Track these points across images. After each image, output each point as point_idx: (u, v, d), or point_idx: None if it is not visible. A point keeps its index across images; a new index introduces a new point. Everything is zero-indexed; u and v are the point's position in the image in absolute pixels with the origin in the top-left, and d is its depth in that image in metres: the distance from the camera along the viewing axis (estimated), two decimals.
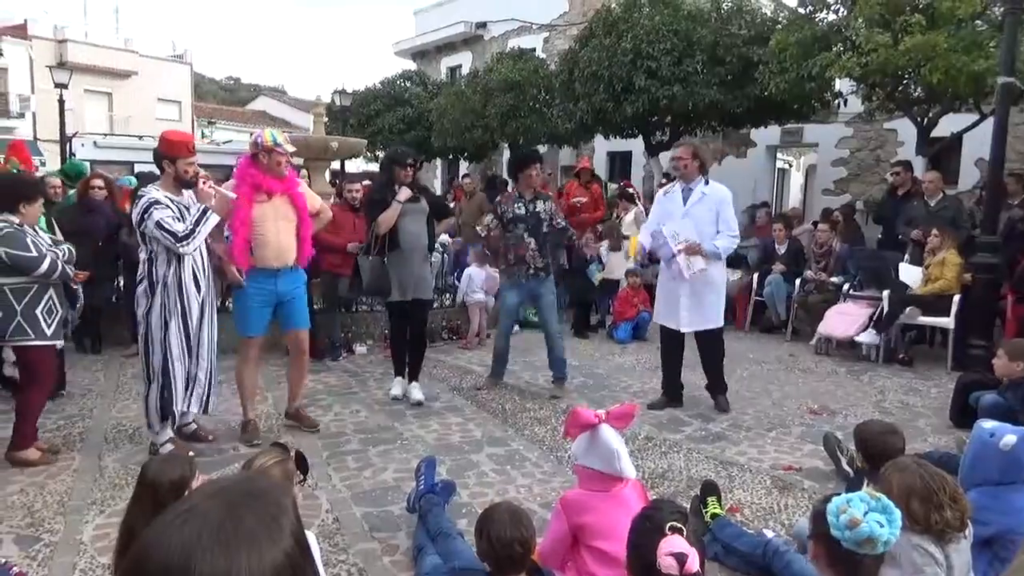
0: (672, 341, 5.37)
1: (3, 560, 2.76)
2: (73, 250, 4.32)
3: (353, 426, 4.89)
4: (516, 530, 2.28)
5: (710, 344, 5.33)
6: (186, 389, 4.19)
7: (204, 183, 4.10)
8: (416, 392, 5.41)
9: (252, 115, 39.72)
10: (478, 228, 5.82)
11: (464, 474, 4.06)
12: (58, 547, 3.18)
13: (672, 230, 5.07)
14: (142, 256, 4.14)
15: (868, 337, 6.88)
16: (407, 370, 5.52)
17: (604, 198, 9.93)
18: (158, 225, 3.93)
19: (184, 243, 3.97)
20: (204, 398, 4.32)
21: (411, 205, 5.21)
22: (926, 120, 9.04)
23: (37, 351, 4.07)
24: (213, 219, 4.09)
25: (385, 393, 5.53)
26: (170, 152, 4.10)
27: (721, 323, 5.31)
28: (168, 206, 4.01)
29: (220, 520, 0.75)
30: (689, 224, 5.05)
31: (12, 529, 3.34)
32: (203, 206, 4.05)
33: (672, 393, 5.41)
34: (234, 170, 4.60)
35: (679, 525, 1.87)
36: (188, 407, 4.27)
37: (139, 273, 4.18)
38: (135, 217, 4.03)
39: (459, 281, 7.77)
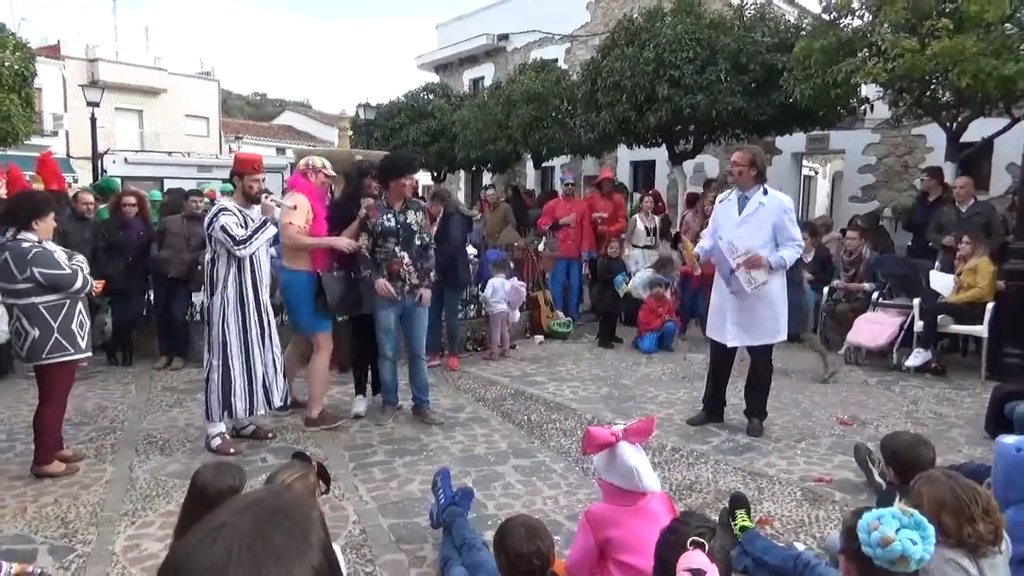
0: (720, 355, 5.15)
1: (39, 570, 2.81)
2: (86, 260, 4.40)
3: (379, 437, 4.91)
4: (533, 544, 2.27)
5: (758, 363, 5.04)
6: (249, 384, 4.60)
7: (267, 198, 4.64)
8: (360, 404, 5.50)
9: (278, 130, 40.31)
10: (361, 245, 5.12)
11: (490, 486, 4.06)
12: (91, 557, 3.23)
13: (728, 243, 4.80)
14: (207, 256, 4.63)
15: (918, 359, 6.63)
16: (372, 383, 5.58)
17: (627, 207, 9.89)
18: (222, 228, 4.43)
19: (241, 247, 4.45)
20: (269, 394, 4.76)
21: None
22: (955, 125, 8.90)
23: (64, 367, 4.14)
24: (271, 230, 4.60)
25: (411, 405, 5.54)
26: (240, 169, 4.69)
27: (776, 340, 4.97)
28: (235, 214, 4.50)
29: (250, 537, 0.76)
30: (744, 234, 4.78)
31: (47, 539, 3.40)
32: (265, 218, 4.59)
33: (713, 409, 5.24)
34: (288, 181, 5.56)
35: (701, 540, 1.84)
36: (255, 405, 4.67)
37: (205, 275, 4.71)
38: (207, 220, 4.55)
39: (483, 292, 7.78)
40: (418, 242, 5.17)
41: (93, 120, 17.93)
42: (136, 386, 6.21)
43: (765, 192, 4.85)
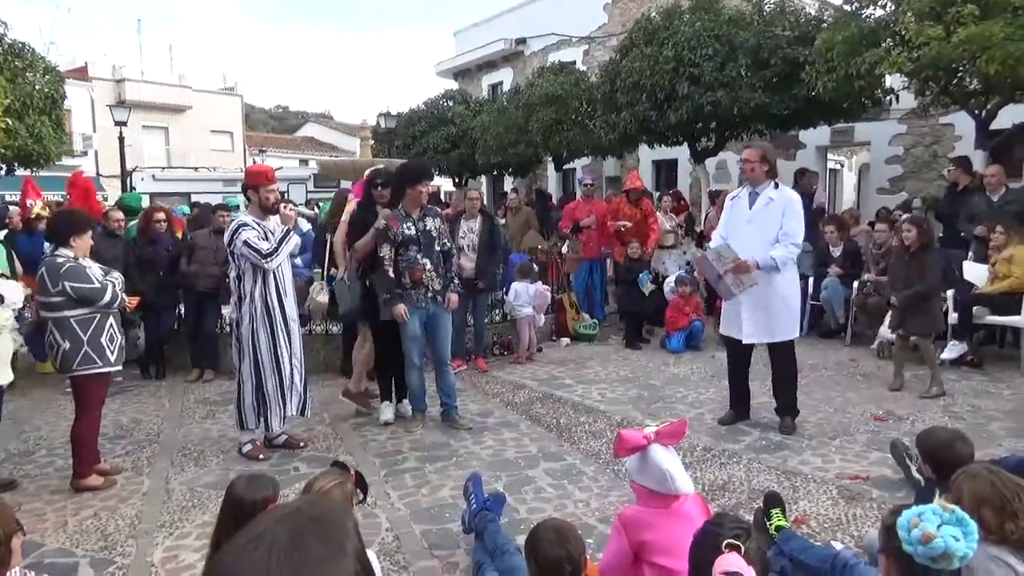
0: (736, 352, 5.15)
1: None
2: (122, 277, 4.51)
3: (409, 444, 4.93)
4: (562, 548, 2.25)
5: (781, 359, 5.02)
6: (281, 394, 4.66)
7: (285, 207, 4.70)
8: (405, 406, 5.51)
9: (301, 141, 40.73)
10: (383, 257, 5.08)
11: (521, 489, 4.05)
12: (130, 569, 3.28)
13: (715, 251, 4.85)
14: (232, 274, 4.69)
15: (954, 351, 6.46)
16: (396, 391, 5.55)
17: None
18: (246, 244, 4.47)
19: (268, 259, 4.51)
20: (301, 403, 4.85)
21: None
22: (984, 112, 8.73)
23: (95, 379, 4.22)
24: (294, 239, 4.68)
25: (440, 410, 5.55)
26: (254, 182, 4.70)
27: (792, 336, 4.97)
28: (255, 228, 4.54)
29: (289, 546, 0.78)
30: (753, 231, 4.84)
31: (87, 552, 3.45)
32: (286, 227, 4.62)
33: (739, 406, 5.22)
34: (353, 191, 6.14)
35: (737, 542, 1.82)
36: (288, 412, 4.75)
37: (231, 289, 4.80)
38: (226, 238, 4.60)
39: (507, 296, 7.78)
40: (438, 248, 5.22)
41: (121, 139, 18.29)
42: (169, 399, 6.30)
43: (776, 187, 4.88)
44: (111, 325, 4.26)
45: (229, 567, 0.77)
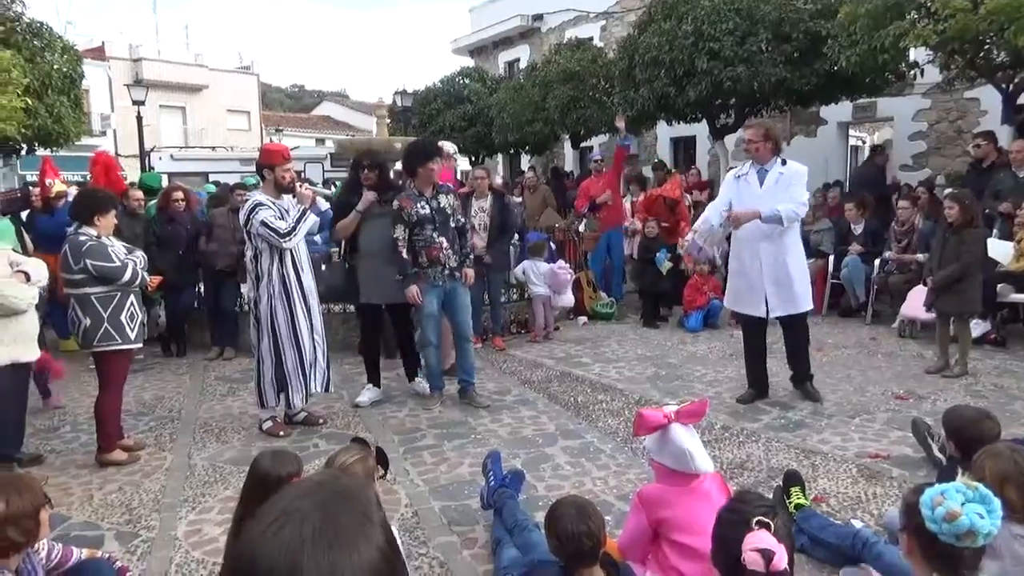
0: (754, 329, 5.15)
1: (107, 555, 2.92)
2: (146, 257, 4.54)
3: (427, 421, 4.96)
4: (584, 523, 2.26)
5: (797, 330, 5.11)
6: (302, 370, 4.68)
7: (302, 186, 4.67)
8: (422, 385, 5.55)
9: (317, 120, 40.75)
10: (397, 239, 5.03)
11: (539, 467, 4.07)
12: (155, 542, 3.34)
13: (704, 235, 5.05)
14: (248, 253, 4.66)
15: (977, 330, 6.31)
16: (406, 371, 5.61)
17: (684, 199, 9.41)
18: (263, 224, 4.45)
19: (287, 239, 4.50)
20: (325, 379, 4.88)
21: (378, 209, 5.23)
22: (1011, 86, 8.52)
23: (116, 356, 4.28)
24: (311, 218, 4.66)
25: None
26: (269, 161, 4.67)
27: (811, 305, 5.08)
28: (271, 207, 4.52)
29: (320, 520, 0.78)
30: (763, 205, 4.81)
31: (113, 525, 3.52)
32: (303, 207, 4.59)
33: (759, 385, 5.21)
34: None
35: (767, 520, 1.81)
36: (314, 389, 4.80)
37: (247, 269, 4.75)
38: (242, 218, 4.58)
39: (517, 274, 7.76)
40: (453, 225, 5.20)
41: (139, 118, 18.36)
42: (190, 377, 6.38)
43: (783, 163, 4.91)
44: (132, 303, 4.31)
45: (259, 545, 0.77)
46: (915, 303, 6.81)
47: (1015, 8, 6.79)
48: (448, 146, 5.62)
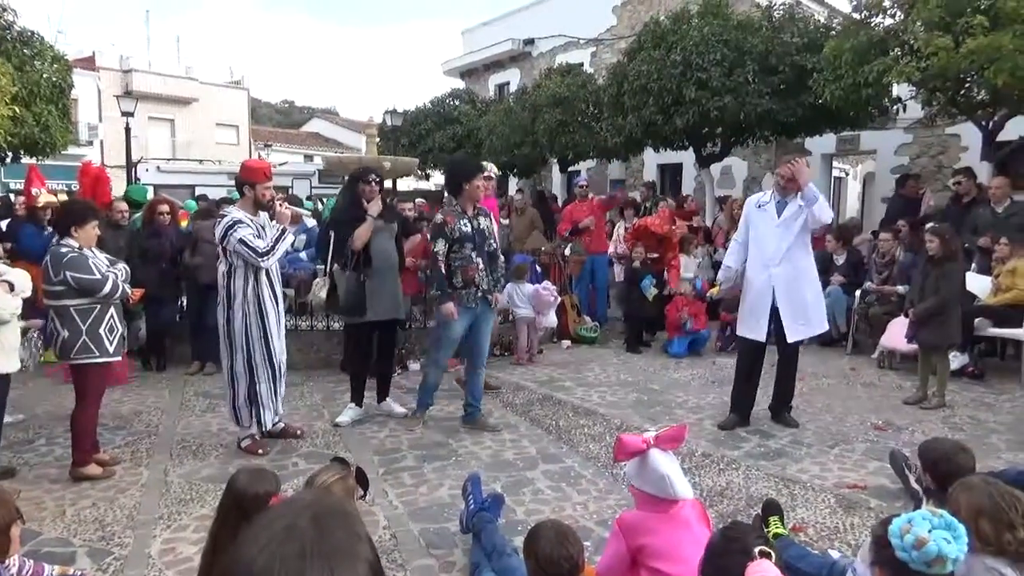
0: (753, 355, 5.21)
1: (79, 572, 2.87)
2: (128, 269, 4.51)
3: (408, 442, 4.93)
4: (562, 548, 2.26)
5: (790, 356, 5.24)
6: (274, 389, 4.67)
7: (281, 205, 4.61)
8: (397, 407, 5.47)
9: (306, 137, 40.76)
10: (436, 253, 4.98)
11: (519, 491, 4.05)
12: (128, 560, 3.28)
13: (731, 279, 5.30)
14: (221, 269, 4.57)
15: (955, 362, 6.39)
16: (378, 390, 5.48)
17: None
18: (241, 242, 4.40)
19: (264, 258, 4.46)
20: (280, 399, 4.84)
21: (381, 223, 5.21)
22: (991, 124, 8.72)
23: (94, 369, 4.23)
24: (290, 238, 4.62)
25: (440, 409, 5.55)
26: (250, 178, 4.62)
27: (826, 327, 5.33)
28: (249, 225, 4.47)
29: (316, 535, 0.81)
30: (783, 233, 4.98)
31: (85, 542, 3.46)
32: (282, 226, 4.55)
33: (743, 411, 5.24)
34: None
35: (769, 550, 1.82)
36: (277, 408, 4.76)
37: (218, 287, 4.62)
38: (218, 234, 4.49)
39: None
40: (487, 248, 5.10)
41: (127, 130, 18.28)
42: (170, 391, 6.31)
43: (804, 198, 5.00)
44: (112, 316, 4.27)
45: (258, 561, 0.78)
46: (895, 334, 6.89)
47: (994, 48, 6.96)
48: (490, 167, 5.55)
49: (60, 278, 4.06)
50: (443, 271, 4.93)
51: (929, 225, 6.38)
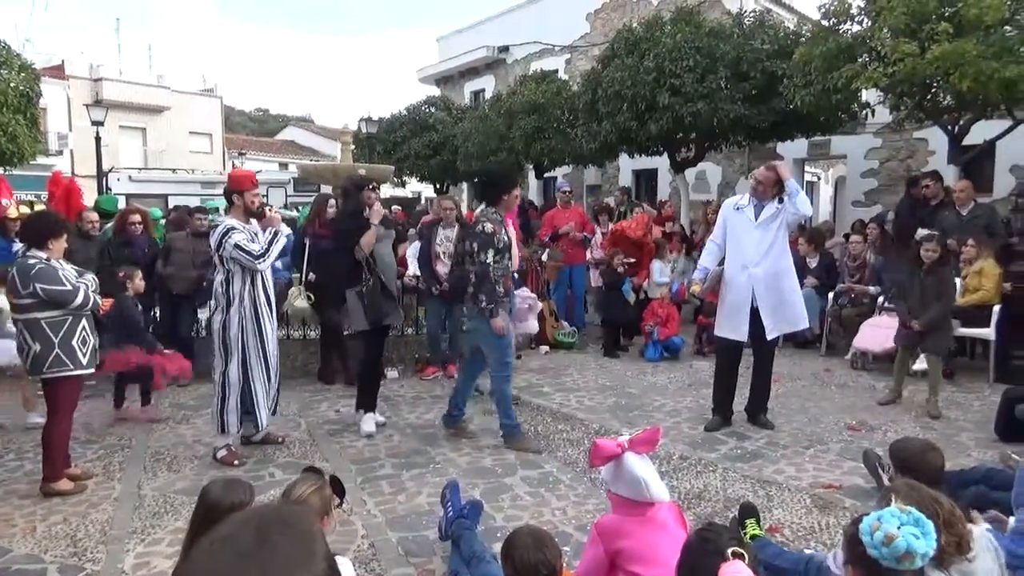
0: (732, 355, 5.31)
1: None
2: (97, 280, 4.44)
3: (386, 451, 4.91)
4: (540, 553, 2.27)
5: (766, 356, 5.33)
6: (267, 394, 4.77)
7: (270, 210, 4.77)
8: (368, 421, 5.27)
9: (281, 145, 40.48)
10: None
11: (498, 497, 4.05)
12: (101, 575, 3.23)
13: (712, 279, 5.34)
14: (218, 277, 4.66)
15: (925, 363, 6.38)
16: (358, 400, 5.37)
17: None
18: (236, 247, 4.51)
19: (260, 260, 4.58)
20: (274, 403, 4.93)
21: (382, 230, 5.24)
22: (957, 128, 8.90)
23: (66, 382, 4.16)
24: (282, 241, 4.72)
25: (418, 417, 5.53)
26: (239, 187, 4.75)
27: (807, 324, 5.47)
28: (243, 231, 4.61)
29: (254, 545, 0.78)
30: (761, 235, 5.06)
31: (56, 559, 3.40)
32: (274, 229, 4.70)
33: (726, 411, 5.34)
34: None
35: (742, 550, 1.84)
36: (267, 412, 4.82)
37: (214, 294, 4.71)
38: (214, 242, 4.59)
39: None
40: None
41: (98, 139, 18.05)
42: (142, 403, 6.20)
43: (780, 201, 5.10)
44: (83, 327, 4.20)
45: (196, 569, 0.77)
46: (867, 335, 7.01)
47: (959, 55, 7.12)
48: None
49: (29, 290, 3.98)
50: (495, 283, 4.77)
51: (924, 233, 6.44)
